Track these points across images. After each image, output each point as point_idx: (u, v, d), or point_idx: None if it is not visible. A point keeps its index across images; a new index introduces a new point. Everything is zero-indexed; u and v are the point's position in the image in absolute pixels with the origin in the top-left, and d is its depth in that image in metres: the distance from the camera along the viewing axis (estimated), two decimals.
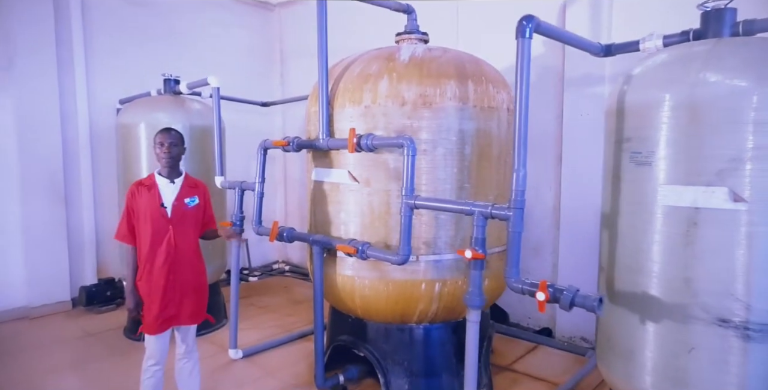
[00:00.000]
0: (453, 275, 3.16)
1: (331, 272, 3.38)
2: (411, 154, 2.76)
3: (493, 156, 3.27)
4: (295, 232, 3.52)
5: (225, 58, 6.58)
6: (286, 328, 4.77)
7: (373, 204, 3.15)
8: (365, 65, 3.27)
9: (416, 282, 3.12)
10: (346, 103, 3.22)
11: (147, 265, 2.87)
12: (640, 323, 2.28)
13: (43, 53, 5.05)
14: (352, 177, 3.20)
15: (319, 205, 3.47)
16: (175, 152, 2.94)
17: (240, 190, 3.99)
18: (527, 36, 2.26)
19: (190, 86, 4.51)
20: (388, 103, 3.09)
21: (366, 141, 2.95)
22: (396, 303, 3.18)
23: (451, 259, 3.14)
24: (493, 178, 3.28)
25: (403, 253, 2.77)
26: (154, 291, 2.86)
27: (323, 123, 3.25)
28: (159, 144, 2.90)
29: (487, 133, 3.22)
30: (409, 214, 2.77)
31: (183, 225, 2.96)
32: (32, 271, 5.07)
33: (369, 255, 2.95)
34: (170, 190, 2.95)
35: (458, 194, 3.14)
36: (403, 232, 2.78)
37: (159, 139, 2.91)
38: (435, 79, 3.11)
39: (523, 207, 2.29)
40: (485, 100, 3.20)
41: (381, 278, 3.16)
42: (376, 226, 3.15)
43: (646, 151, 2.26)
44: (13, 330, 4.74)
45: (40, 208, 5.09)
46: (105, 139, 5.38)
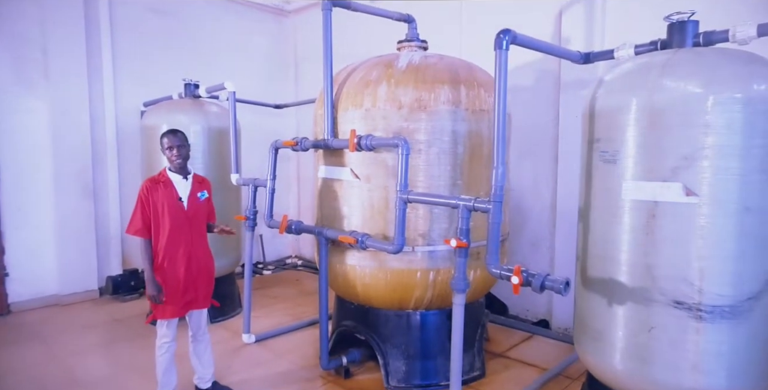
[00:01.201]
0: (446, 265, 3.42)
1: (335, 262, 3.67)
2: (405, 153, 3.04)
3: (484, 155, 3.52)
4: (303, 225, 3.82)
5: (242, 63, 6.95)
6: (297, 317, 5.09)
7: (373, 199, 3.43)
8: (366, 72, 3.56)
9: (412, 271, 3.40)
10: (349, 107, 3.51)
11: (168, 254, 3.16)
12: (608, 306, 2.52)
13: (74, 61, 5.47)
14: (354, 174, 3.48)
15: (325, 200, 3.77)
16: (184, 153, 3.25)
17: (253, 186, 4.31)
18: (504, 48, 2.51)
19: (208, 90, 4.85)
20: (387, 106, 3.37)
21: (365, 141, 3.24)
22: (394, 290, 3.46)
23: (445, 249, 3.40)
24: (483, 176, 3.53)
25: (397, 243, 3.05)
26: (175, 278, 3.16)
27: (328, 124, 3.55)
28: (168, 148, 3.19)
29: (479, 134, 3.48)
30: (403, 208, 3.05)
31: (197, 217, 3.29)
32: (63, 261, 5.48)
33: (368, 245, 3.23)
34: (184, 185, 3.27)
35: (451, 190, 3.40)
36: (398, 224, 3.06)
37: (167, 143, 3.20)
38: (430, 84, 3.38)
39: (501, 200, 2.54)
40: (477, 103, 3.46)
41: (380, 267, 3.45)
42: (376, 219, 3.43)
43: (612, 151, 2.50)
44: (45, 315, 5.15)
45: (71, 203, 5.50)
46: (130, 140, 5.77)
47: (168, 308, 3.17)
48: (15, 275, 5.26)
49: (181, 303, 3.19)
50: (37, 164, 5.37)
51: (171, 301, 3.16)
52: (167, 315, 3.17)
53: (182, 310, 3.21)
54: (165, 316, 3.17)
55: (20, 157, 5.27)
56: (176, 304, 3.17)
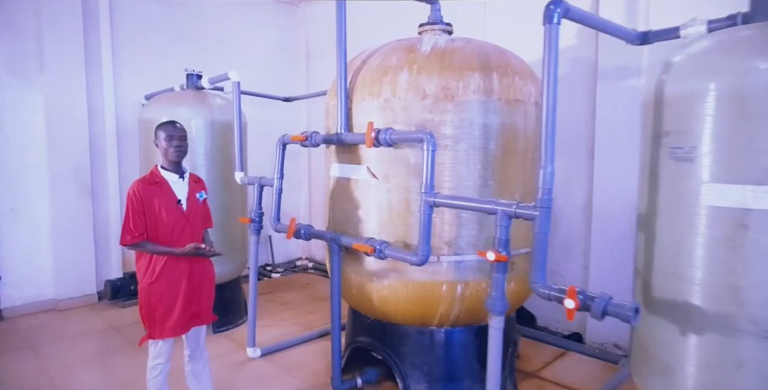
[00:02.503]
0: (476, 277, 3.00)
1: (349, 271, 3.28)
2: (431, 149, 2.62)
3: (519, 152, 3.09)
4: (313, 230, 3.42)
5: (251, 55, 6.56)
6: (306, 326, 4.71)
7: (392, 201, 3.02)
8: (385, 57, 3.14)
9: (437, 283, 2.99)
10: (365, 97, 3.10)
11: (167, 265, 2.78)
12: (681, 335, 2.09)
13: (71, 52, 5.13)
14: (371, 173, 3.08)
15: (338, 201, 3.37)
16: (185, 147, 2.86)
17: (259, 186, 3.93)
18: (555, 21, 2.09)
19: (211, 81, 4.48)
20: (408, 96, 2.95)
21: (384, 135, 2.82)
22: (415, 305, 3.05)
23: (474, 259, 2.99)
24: (518, 175, 3.11)
25: (422, 254, 2.63)
26: (175, 290, 2.79)
27: (342, 117, 3.14)
28: (167, 138, 2.79)
29: (513, 127, 3.05)
30: (428, 213, 2.63)
31: (197, 219, 2.92)
32: (60, 263, 5.16)
33: (387, 255, 2.83)
34: (181, 185, 2.89)
35: (481, 192, 2.98)
36: (422, 231, 2.64)
37: (167, 133, 2.80)
38: (457, 71, 2.95)
39: (549, 206, 2.12)
40: (511, 92, 3.03)
41: (400, 279, 3.04)
42: (395, 224, 3.02)
43: (687, 146, 2.05)
44: (40, 322, 4.83)
45: (68, 202, 5.17)
46: (131, 135, 5.42)
47: (167, 326, 2.77)
48: (8, 279, 4.95)
49: (183, 319, 2.81)
50: (32, 161, 5.05)
51: (171, 316, 2.77)
52: (167, 333, 2.78)
53: (184, 327, 2.83)
54: (165, 335, 2.77)
55: (13, 154, 4.95)
56: (177, 320, 2.79)
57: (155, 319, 2.78)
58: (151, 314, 2.80)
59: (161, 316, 2.78)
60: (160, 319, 2.78)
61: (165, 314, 2.78)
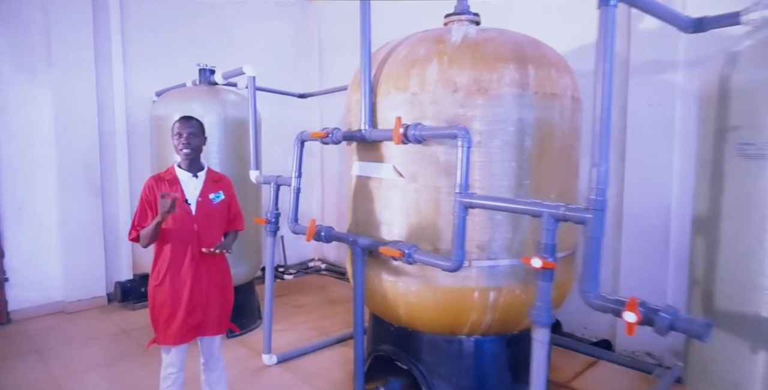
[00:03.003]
0: (510, 283, 2.81)
1: (372, 276, 3.09)
2: (466, 145, 2.43)
3: (555, 149, 2.89)
4: (334, 232, 3.24)
5: (263, 50, 6.39)
6: (323, 331, 4.53)
7: (420, 202, 2.83)
8: (412, 48, 2.95)
9: (468, 290, 2.79)
10: (391, 90, 2.91)
11: (170, 267, 2.63)
12: (750, 351, 1.88)
13: (80, 47, 4.98)
14: (397, 172, 2.89)
15: (361, 202, 3.19)
16: (195, 143, 2.69)
17: (275, 185, 3.76)
18: (612, 3, 1.89)
19: (225, 76, 4.31)
20: (438, 89, 2.76)
21: (414, 131, 2.64)
22: (445, 312, 2.87)
23: (508, 264, 2.79)
24: (554, 174, 2.91)
25: (456, 259, 2.44)
26: (177, 296, 2.63)
27: (366, 112, 2.95)
28: (177, 135, 2.65)
29: (549, 123, 2.85)
30: (462, 215, 2.44)
31: (208, 223, 2.72)
32: (69, 265, 5.02)
33: (416, 259, 2.64)
34: (193, 184, 2.72)
35: (516, 192, 2.78)
36: (456, 234, 2.45)
37: (177, 129, 2.66)
38: (491, 62, 2.76)
39: (604, 208, 1.93)
40: (547, 86, 2.83)
41: (428, 285, 2.85)
42: (424, 227, 2.83)
43: (759, 142, 1.85)
44: (48, 325, 4.69)
45: (77, 201, 5.02)
46: (141, 132, 5.26)
47: (169, 332, 2.62)
48: (15, 280, 4.81)
49: (186, 328, 2.63)
50: (40, 159, 4.90)
51: (172, 324, 2.62)
52: (169, 340, 2.63)
53: (186, 336, 2.65)
54: (166, 341, 2.63)
55: (21, 152, 4.81)
56: (179, 328, 2.62)
57: (159, 324, 2.65)
58: (155, 319, 2.68)
59: (164, 321, 2.64)
60: (163, 325, 2.64)
61: (168, 321, 2.63)
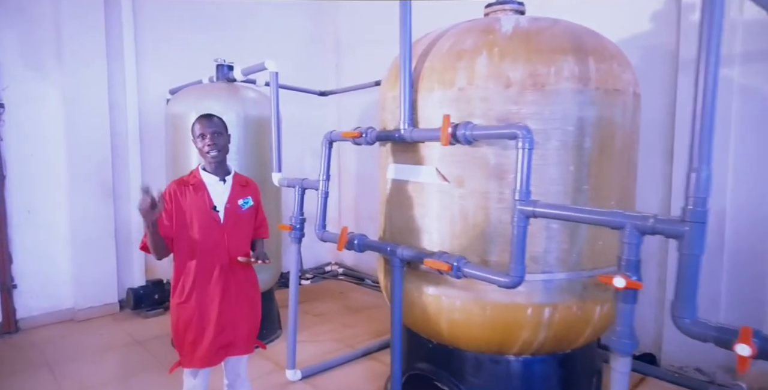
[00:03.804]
0: (566, 298, 2.54)
1: (410, 289, 2.83)
2: (527, 147, 2.17)
3: (616, 151, 2.62)
4: (368, 241, 2.99)
5: (278, 46, 6.11)
6: (347, 343, 4.28)
7: (466, 209, 2.57)
8: (457, 39, 2.68)
9: (520, 306, 2.53)
10: (434, 86, 2.65)
11: (197, 282, 2.38)
12: None
13: (92, 42, 4.75)
14: (441, 176, 2.63)
15: (397, 207, 2.92)
16: (221, 143, 2.43)
17: (301, 188, 3.50)
18: None
19: (245, 72, 4.05)
20: (489, 84, 2.49)
21: (464, 131, 2.37)
22: (493, 330, 2.60)
23: (564, 278, 2.53)
24: (615, 179, 2.64)
25: (515, 274, 2.18)
26: (205, 313, 2.38)
27: (405, 110, 2.69)
28: (199, 136, 2.39)
29: (611, 122, 2.58)
30: (523, 225, 2.18)
31: (237, 231, 2.48)
32: (79, 271, 4.79)
33: (467, 274, 2.37)
34: (221, 189, 2.46)
35: (574, 198, 2.52)
36: (515, 247, 2.19)
37: (198, 129, 2.40)
38: (547, 54, 2.49)
39: (705, 220, 1.66)
40: (609, 81, 2.56)
41: (476, 300, 2.59)
42: (471, 237, 2.57)
43: None
44: (57, 334, 4.46)
45: (88, 204, 4.80)
46: (155, 131, 5.03)
47: (197, 355, 2.37)
48: (24, 287, 4.59)
49: (215, 347, 2.39)
50: (49, 160, 4.68)
51: (200, 345, 2.37)
52: (196, 363, 2.38)
53: (216, 357, 2.41)
54: (193, 364, 2.38)
55: (30, 152, 4.59)
56: (208, 349, 2.37)
57: (184, 345, 2.41)
58: (180, 339, 2.42)
59: (191, 343, 2.39)
60: (189, 347, 2.39)
61: (195, 342, 2.38)
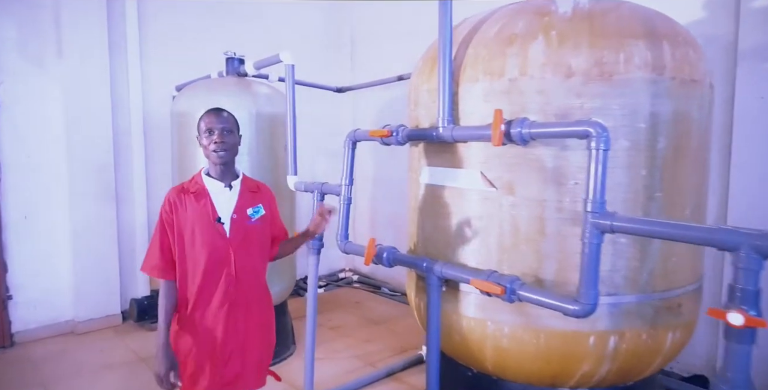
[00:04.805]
0: (635, 325, 2.18)
1: (448, 311, 2.47)
2: (602, 147, 1.80)
3: (691, 151, 2.26)
4: (400, 255, 2.62)
5: (290, 40, 5.75)
6: (367, 360, 3.93)
7: (517, 219, 2.21)
8: (506, 22, 2.32)
9: (581, 334, 2.16)
10: (479, 76, 2.29)
11: (198, 304, 2.04)
12: None
13: (93, 34, 4.42)
14: (487, 181, 2.27)
15: (431, 217, 2.57)
16: (230, 142, 2.05)
17: (320, 194, 3.15)
18: None
19: (257, 65, 3.72)
20: (546, 74, 2.13)
21: (520, 129, 2.01)
22: (548, 361, 2.24)
23: (633, 301, 2.16)
24: (690, 184, 2.27)
25: (586, 301, 1.81)
26: (207, 342, 2.04)
27: (444, 105, 2.33)
28: (206, 131, 2.02)
29: (687, 117, 2.21)
30: (596, 242, 1.81)
31: (246, 247, 2.09)
32: (80, 280, 4.47)
33: (522, 298, 2.01)
34: (226, 197, 2.09)
35: (645, 207, 2.15)
36: (586, 268, 1.82)
37: (205, 124, 2.03)
38: (615, 38, 2.13)
39: None
40: (686, 69, 2.19)
41: (528, 326, 2.23)
42: (522, 252, 2.21)
43: None
44: (56, 349, 4.14)
45: (89, 208, 4.47)
46: (161, 131, 4.70)
47: (200, 386, 2.04)
48: (20, 298, 4.27)
49: (218, 383, 2.04)
50: (48, 161, 4.36)
51: (200, 379, 2.03)
52: None
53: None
54: None
55: (27, 153, 4.27)
56: (209, 384, 2.03)
57: (185, 377, 2.06)
58: (182, 369, 2.07)
59: (191, 375, 2.05)
60: (190, 379, 2.05)
61: (195, 375, 2.04)
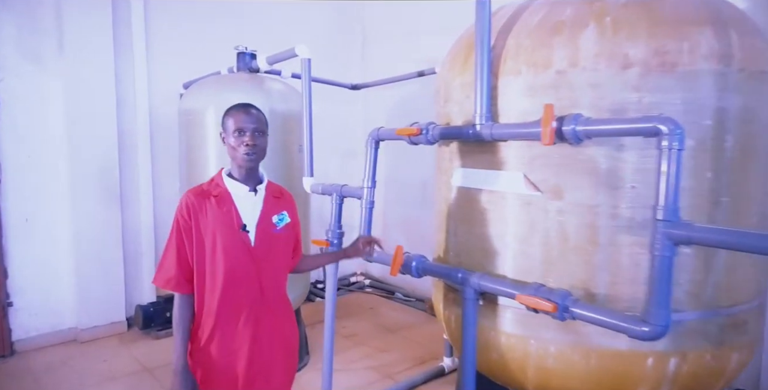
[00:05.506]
0: (698, 345, 1.96)
1: (484, 327, 2.25)
2: (677, 146, 1.58)
3: (760, 151, 2.04)
4: (431, 265, 2.41)
5: (299, 38, 5.51)
6: (385, 372, 3.72)
7: (566, 227, 1.99)
8: (550, 9, 2.10)
9: (638, 355, 1.94)
10: (521, 69, 2.07)
11: (219, 323, 1.83)
12: None
13: (97, 29, 4.21)
14: (531, 184, 2.05)
15: (464, 223, 2.35)
16: (261, 145, 1.85)
17: (338, 197, 2.94)
18: None
19: (270, 60, 3.50)
20: (599, 65, 1.91)
21: (573, 126, 1.79)
22: (599, 384, 2.02)
23: (697, 318, 1.94)
24: (757, 188, 2.05)
25: (657, 322, 1.59)
26: (231, 364, 1.83)
27: (483, 100, 2.11)
28: (236, 131, 1.81)
29: (755, 114, 1.99)
30: (669, 255, 1.59)
31: (271, 257, 1.90)
32: (83, 286, 4.27)
33: (578, 316, 1.79)
34: (251, 203, 1.88)
35: (710, 214, 1.93)
36: (657, 285, 1.60)
37: (235, 122, 1.82)
38: (677, 26, 1.91)
39: None
40: (755, 60, 1.97)
41: (577, 344, 2.01)
42: (571, 263, 1.99)
43: None
44: (57, 358, 3.94)
45: (92, 211, 4.27)
46: (167, 130, 4.50)
47: None
48: (21, 304, 4.07)
49: None
50: (49, 162, 4.16)
51: None
52: None
53: None
54: None
55: (27, 153, 4.06)
56: None
57: None
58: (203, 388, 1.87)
59: None
60: None
61: None
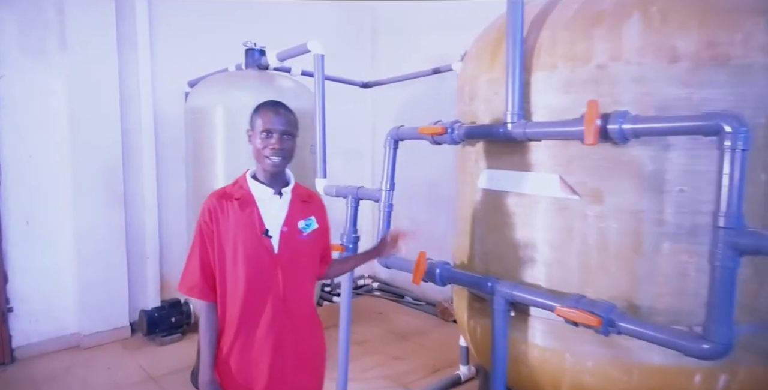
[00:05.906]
0: (750, 360, 1.81)
1: (515, 338, 2.11)
2: (741, 146, 1.44)
3: None
4: (457, 273, 2.26)
5: (308, 37, 5.39)
6: (399, 381, 3.57)
7: (606, 234, 1.85)
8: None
9: (685, 371, 1.80)
10: (557, 63, 1.93)
11: (240, 333, 1.71)
12: None
13: (100, 25, 4.08)
14: (568, 187, 1.91)
15: (491, 228, 2.21)
16: (289, 148, 1.73)
17: (354, 199, 2.80)
18: None
19: (281, 56, 3.36)
20: (645, 59, 1.77)
21: (620, 124, 1.64)
22: None
23: (749, 332, 1.79)
24: None
25: (718, 340, 1.45)
26: (251, 377, 1.71)
27: (515, 97, 1.97)
28: (264, 133, 1.68)
29: None
30: (732, 266, 1.45)
31: (295, 265, 1.76)
32: (86, 290, 4.14)
33: (626, 331, 1.64)
34: (276, 207, 1.75)
35: (764, 220, 1.78)
36: (719, 299, 1.45)
37: (263, 123, 1.69)
38: (729, 16, 1.76)
39: None
40: None
41: (617, 359, 1.86)
42: (612, 273, 1.85)
43: None
44: (59, 366, 3.80)
45: (95, 213, 4.13)
46: (172, 129, 4.36)
47: None
48: (22, 310, 3.94)
49: None
50: (51, 162, 4.02)
51: None
52: None
53: None
54: None
55: (29, 153, 3.93)
56: None
57: None
58: None
59: None
60: None
61: None
